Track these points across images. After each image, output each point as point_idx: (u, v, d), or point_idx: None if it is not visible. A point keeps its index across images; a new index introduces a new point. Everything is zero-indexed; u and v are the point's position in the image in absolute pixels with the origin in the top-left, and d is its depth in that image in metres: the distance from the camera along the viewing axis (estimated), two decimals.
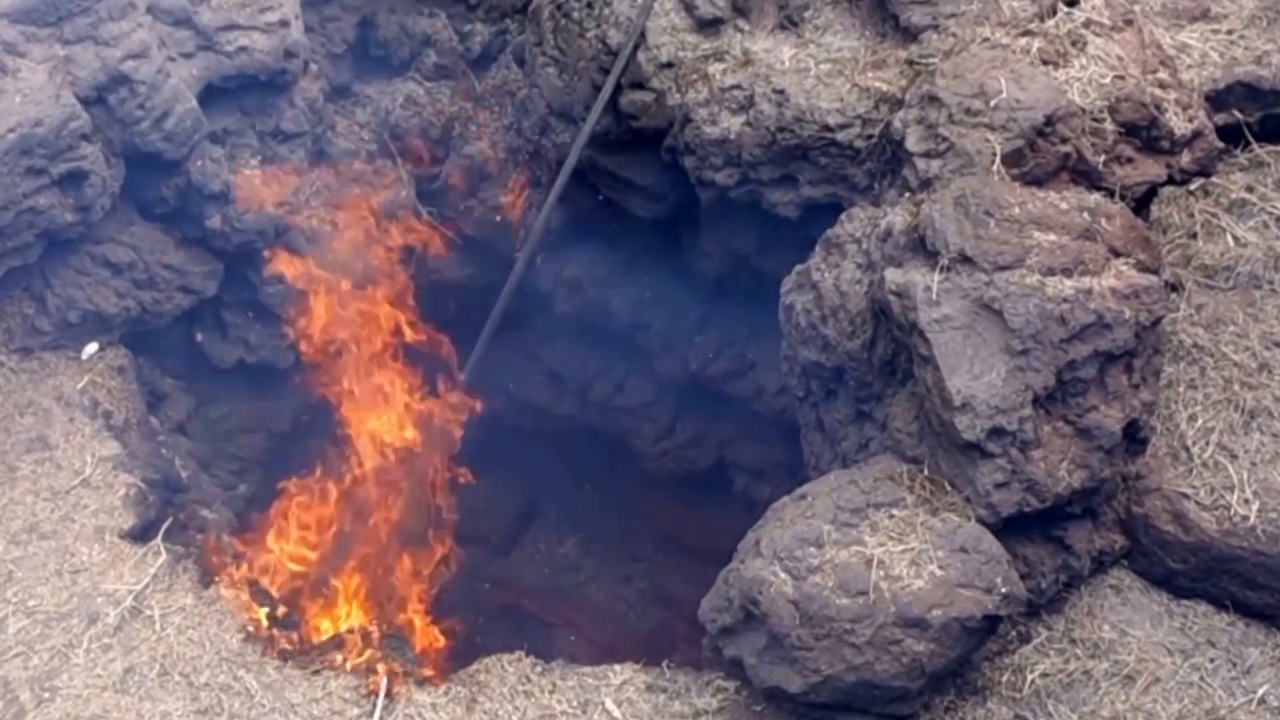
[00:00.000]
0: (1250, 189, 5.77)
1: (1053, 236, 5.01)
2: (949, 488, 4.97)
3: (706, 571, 5.48)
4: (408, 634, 6.32)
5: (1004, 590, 4.74)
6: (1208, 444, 5.21)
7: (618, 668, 5.39)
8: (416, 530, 7.54)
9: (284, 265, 7.08)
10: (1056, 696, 4.95)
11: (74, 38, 6.11)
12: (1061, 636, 5.13)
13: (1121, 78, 5.50)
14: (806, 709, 4.94)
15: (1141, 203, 5.59)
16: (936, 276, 4.99)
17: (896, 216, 5.32)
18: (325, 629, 6.32)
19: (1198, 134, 5.67)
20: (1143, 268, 5.09)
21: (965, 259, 4.97)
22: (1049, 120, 5.26)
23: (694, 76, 6.16)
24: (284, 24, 6.69)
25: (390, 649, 5.59)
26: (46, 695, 5.09)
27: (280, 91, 6.89)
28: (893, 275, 5.14)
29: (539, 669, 5.40)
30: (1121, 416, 4.98)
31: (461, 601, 8.20)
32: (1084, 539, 5.15)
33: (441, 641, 6.62)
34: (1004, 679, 5.04)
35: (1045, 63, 5.46)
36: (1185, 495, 5.13)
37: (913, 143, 5.42)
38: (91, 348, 6.61)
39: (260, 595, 5.80)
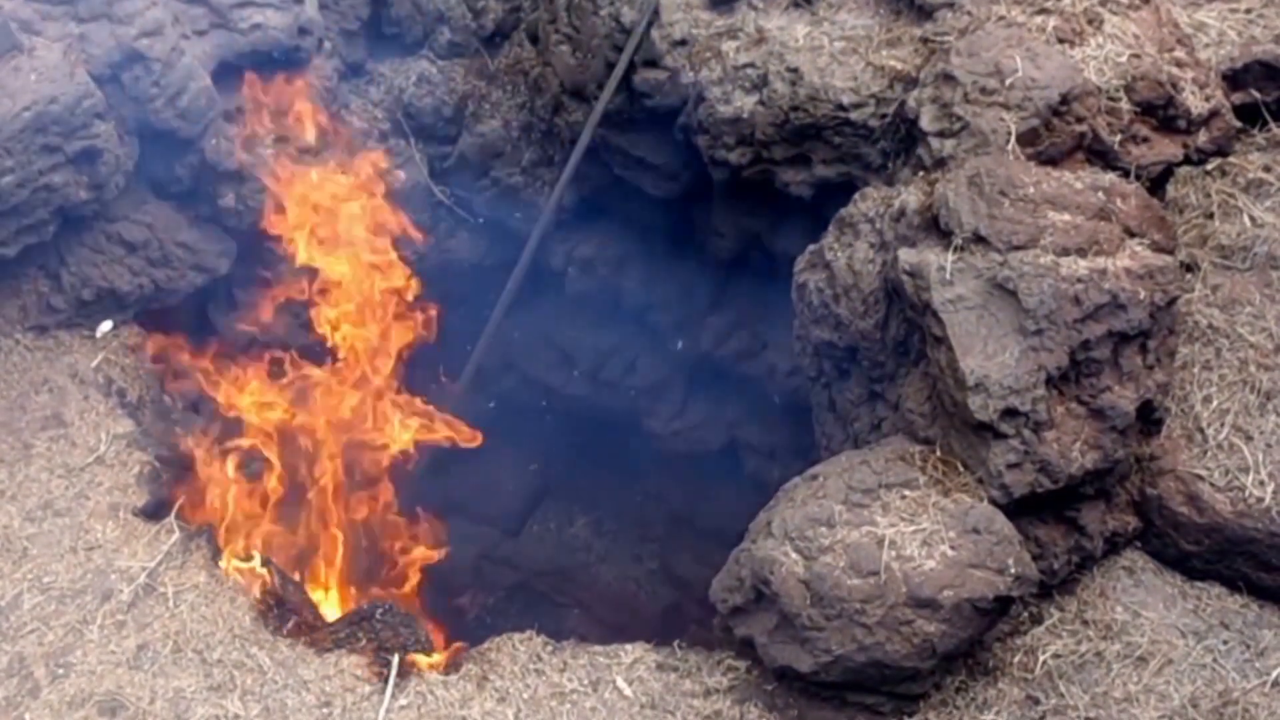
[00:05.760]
0: (1268, 169, 5.73)
1: (1067, 216, 4.98)
2: (961, 468, 4.96)
3: (717, 552, 5.48)
4: (418, 612, 6.34)
5: (1016, 571, 4.73)
6: (1223, 425, 5.18)
7: (629, 647, 5.40)
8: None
9: None
10: (1068, 677, 4.94)
11: (88, 15, 6.11)
12: (1074, 618, 5.12)
13: (1138, 56, 5.45)
14: (817, 688, 4.95)
15: (1157, 183, 5.55)
16: (950, 256, 4.97)
17: (910, 196, 5.29)
18: (337, 606, 6.35)
19: (1215, 113, 5.62)
20: (1158, 248, 5.06)
21: (979, 239, 4.95)
22: (1065, 99, 5.22)
23: (707, 54, 6.13)
24: (298, 0, 6.68)
25: (402, 627, 5.60)
26: (60, 671, 5.11)
27: (295, 69, 6.88)
28: (906, 255, 5.11)
29: (550, 648, 5.41)
30: (1135, 397, 4.96)
31: (472, 581, 8.24)
32: (1097, 520, 5.14)
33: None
34: (1016, 660, 5.03)
35: (1061, 41, 5.42)
36: (1200, 476, 5.11)
37: (927, 122, 5.39)
38: (106, 325, 6.63)
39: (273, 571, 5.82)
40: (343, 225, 7.00)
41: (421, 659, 5.35)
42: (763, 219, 6.57)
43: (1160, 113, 5.48)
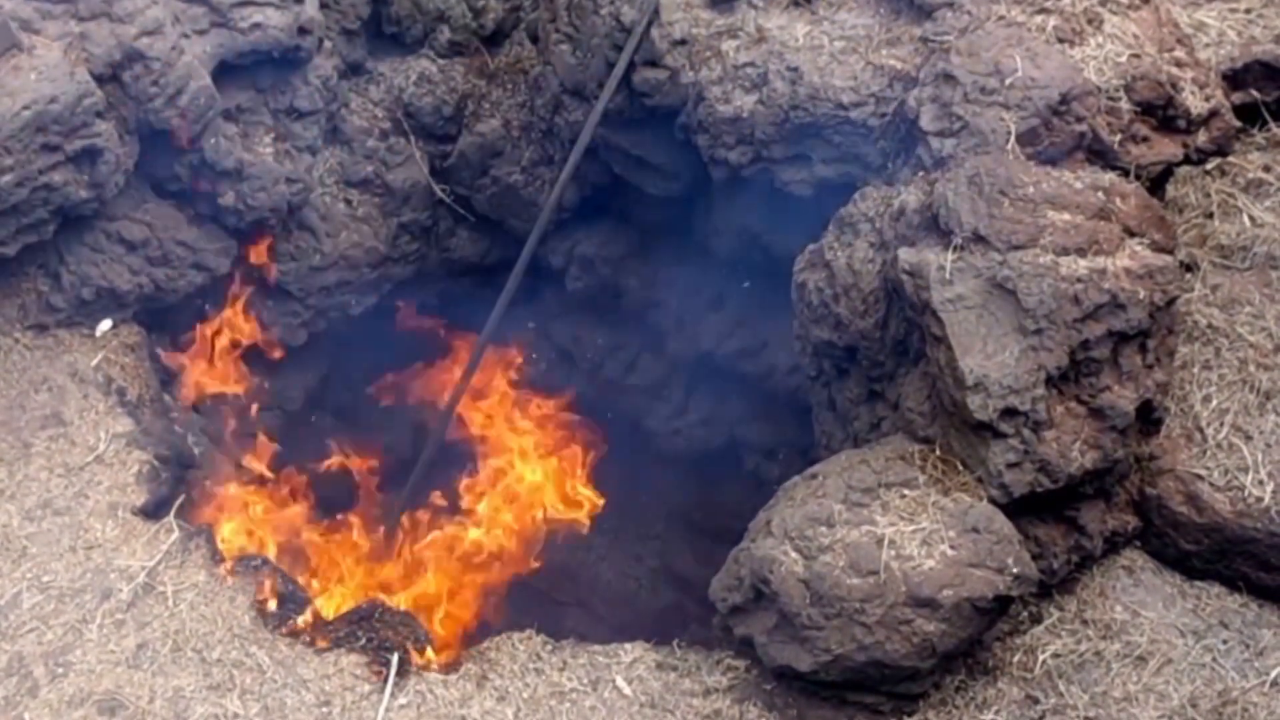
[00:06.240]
0: (1267, 169, 5.73)
1: (1067, 216, 4.98)
2: (961, 468, 4.96)
3: (717, 551, 5.48)
4: (418, 611, 6.33)
5: (1015, 570, 4.74)
6: (1222, 425, 5.19)
7: (628, 646, 5.40)
8: None
9: None
10: (1068, 677, 4.94)
11: (88, 14, 6.10)
12: (1073, 617, 5.13)
13: (1138, 56, 5.45)
14: (817, 688, 4.95)
15: (1157, 182, 5.55)
16: (950, 256, 4.97)
17: (910, 195, 5.29)
18: (337, 606, 6.34)
19: (1214, 113, 5.62)
20: (1157, 247, 5.06)
21: (979, 238, 4.95)
22: (1064, 99, 5.22)
23: (707, 54, 6.13)
24: (298, 0, 6.68)
25: (401, 626, 5.60)
26: (60, 670, 5.11)
27: (294, 68, 6.87)
28: (906, 254, 5.11)
29: (549, 647, 5.41)
30: (1135, 397, 4.96)
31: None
32: (1096, 519, 5.14)
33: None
34: (1015, 659, 5.04)
35: (1061, 41, 5.42)
36: (1199, 476, 5.12)
37: (927, 121, 5.38)
38: (105, 325, 6.62)
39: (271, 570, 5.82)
40: None
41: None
42: (762, 218, 6.56)
43: (1160, 113, 5.47)
